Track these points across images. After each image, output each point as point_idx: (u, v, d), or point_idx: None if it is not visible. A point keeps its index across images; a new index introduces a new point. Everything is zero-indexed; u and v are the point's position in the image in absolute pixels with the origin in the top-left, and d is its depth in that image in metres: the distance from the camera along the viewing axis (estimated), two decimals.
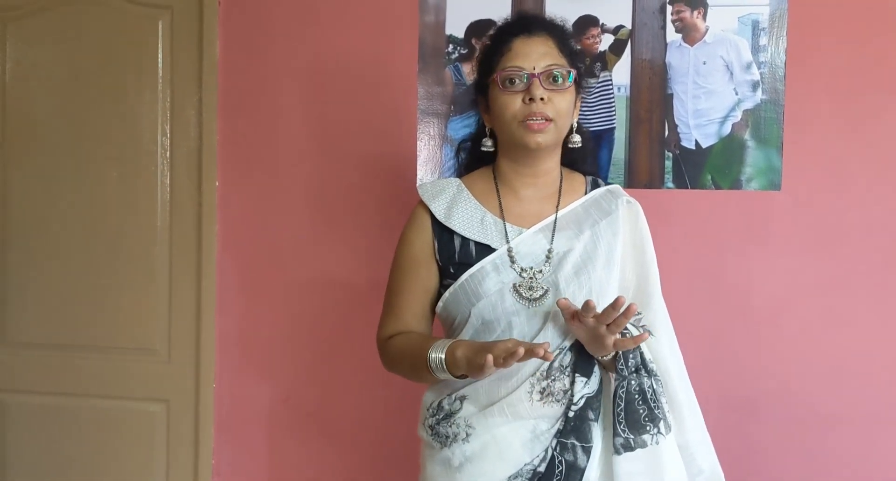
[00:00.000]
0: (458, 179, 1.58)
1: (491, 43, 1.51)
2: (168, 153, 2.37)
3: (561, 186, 1.54)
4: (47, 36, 2.43)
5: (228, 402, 2.34)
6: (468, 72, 2.17)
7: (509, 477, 1.39)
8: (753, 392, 2.12)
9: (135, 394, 2.43)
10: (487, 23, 2.14)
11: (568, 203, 1.52)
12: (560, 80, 1.44)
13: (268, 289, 2.31)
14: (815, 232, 2.09)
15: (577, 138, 1.52)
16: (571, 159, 1.57)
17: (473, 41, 2.16)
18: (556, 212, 1.50)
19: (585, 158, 1.60)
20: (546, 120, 1.42)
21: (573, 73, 1.46)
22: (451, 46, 2.19)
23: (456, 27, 2.18)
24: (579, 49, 1.99)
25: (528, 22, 1.50)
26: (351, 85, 2.24)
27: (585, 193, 1.55)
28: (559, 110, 1.44)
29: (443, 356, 1.37)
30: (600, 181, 1.60)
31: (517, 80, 1.43)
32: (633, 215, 1.55)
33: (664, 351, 1.50)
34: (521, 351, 1.24)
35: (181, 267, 2.37)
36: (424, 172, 2.21)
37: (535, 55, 1.43)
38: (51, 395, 2.48)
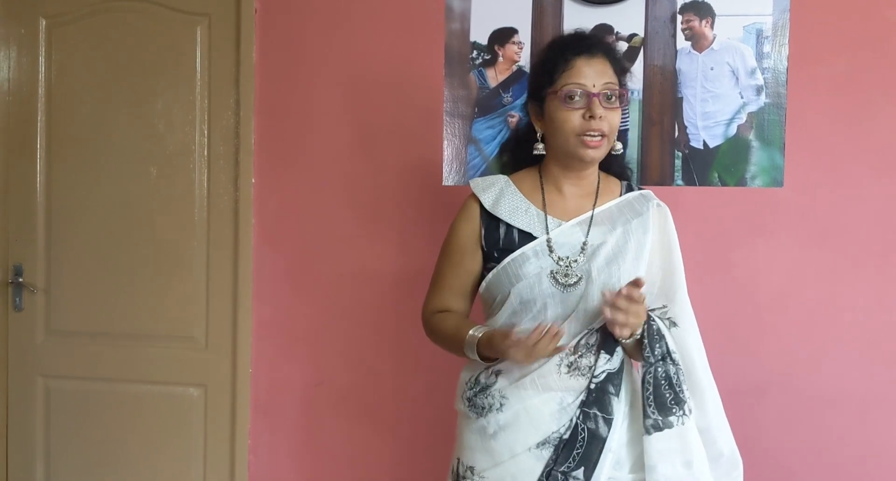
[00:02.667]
0: (505, 176, 1.72)
1: (550, 56, 1.63)
2: (206, 152, 2.49)
3: (598, 187, 1.68)
4: (91, 41, 2.55)
5: (264, 387, 2.47)
6: (491, 76, 2.30)
7: (538, 444, 1.55)
8: (760, 376, 2.24)
9: (174, 380, 2.55)
10: (510, 30, 2.28)
11: (604, 202, 1.67)
12: (614, 98, 1.58)
13: (302, 281, 2.44)
14: (815, 226, 2.21)
15: (619, 146, 1.66)
16: (607, 163, 1.71)
17: (496, 48, 2.30)
18: (594, 209, 1.65)
19: (618, 162, 1.75)
20: (602, 136, 1.57)
21: (625, 94, 1.61)
22: (475, 52, 2.32)
23: (480, 34, 2.31)
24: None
25: (589, 42, 1.62)
26: (380, 88, 2.37)
27: (620, 195, 1.70)
28: (612, 126, 1.58)
29: (478, 336, 1.56)
30: (634, 186, 1.75)
31: (577, 97, 1.56)
32: (662, 217, 1.69)
33: (689, 341, 1.64)
34: (543, 327, 1.43)
35: (218, 259, 2.50)
36: (449, 171, 2.35)
37: (595, 75, 1.57)
38: (93, 381, 2.60)
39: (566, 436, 1.54)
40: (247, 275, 2.46)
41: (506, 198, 1.66)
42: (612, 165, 1.73)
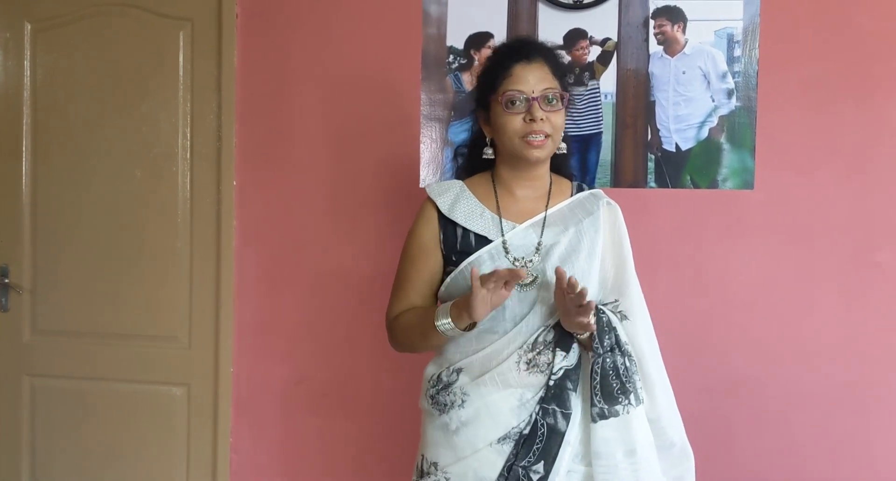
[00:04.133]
0: (460, 181, 1.76)
1: (492, 65, 1.69)
2: (189, 154, 2.53)
3: (550, 188, 1.73)
4: (75, 45, 2.59)
5: (246, 385, 2.52)
6: (467, 80, 2.34)
7: (499, 439, 1.59)
8: (731, 375, 2.28)
9: (158, 379, 2.59)
10: (486, 35, 2.32)
11: (556, 203, 1.71)
12: (555, 101, 1.63)
13: (283, 280, 2.48)
14: (785, 227, 2.25)
15: (563, 146, 1.71)
16: (555, 164, 1.76)
17: (472, 52, 2.34)
18: (546, 210, 1.69)
19: (565, 163, 1.80)
20: (545, 136, 1.62)
21: (565, 95, 1.65)
22: (451, 57, 2.36)
23: (456, 39, 2.35)
24: (569, 62, 2.18)
25: (527, 49, 1.67)
26: (359, 92, 2.41)
27: (571, 196, 1.74)
28: (555, 126, 1.63)
29: (448, 318, 1.56)
30: (584, 186, 1.79)
31: (518, 102, 1.62)
32: (612, 215, 1.74)
33: (640, 334, 1.68)
34: (503, 271, 1.47)
35: (201, 260, 2.54)
36: (427, 173, 2.39)
37: (533, 80, 1.62)
38: (78, 380, 2.64)
39: (526, 431, 1.59)
40: (228, 275, 2.50)
41: (461, 202, 1.70)
42: (560, 166, 1.78)
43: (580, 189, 1.77)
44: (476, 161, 1.76)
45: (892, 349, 2.23)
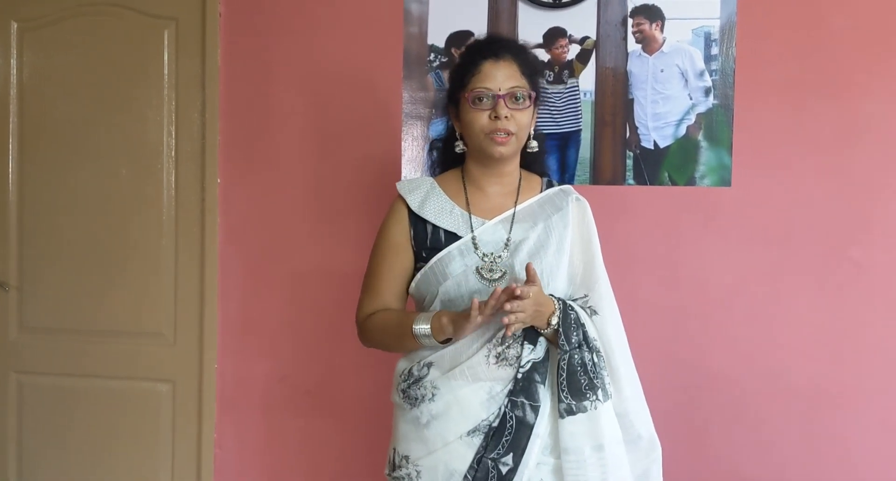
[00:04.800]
0: (431, 178, 1.78)
1: (462, 62, 1.71)
2: (173, 152, 2.55)
3: (520, 185, 1.75)
4: (61, 44, 2.61)
5: (230, 382, 2.54)
6: (448, 78, 2.37)
7: (468, 432, 1.60)
8: (707, 371, 2.30)
9: (142, 375, 2.61)
10: (466, 33, 2.34)
11: (525, 199, 1.73)
12: (521, 99, 1.65)
13: (266, 278, 2.51)
14: (761, 224, 2.27)
15: (534, 143, 1.73)
16: (528, 161, 1.78)
17: (453, 50, 2.36)
18: (515, 206, 1.72)
19: (539, 160, 1.82)
20: (508, 134, 1.64)
21: (533, 94, 1.67)
22: (432, 55, 2.38)
23: (437, 37, 2.37)
24: (548, 60, 2.20)
25: (496, 46, 1.69)
26: (342, 90, 2.43)
27: (541, 192, 1.76)
28: (520, 125, 1.65)
29: (428, 326, 1.58)
30: (554, 182, 1.81)
31: (484, 99, 1.64)
32: (581, 210, 1.75)
33: (608, 329, 1.70)
34: (499, 290, 1.48)
35: (186, 257, 2.56)
36: (409, 170, 2.41)
37: (500, 77, 1.64)
38: (64, 376, 2.66)
39: (495, 424, 1.60)
40: (212, 272, 2.52)
41: (431, 199, 1.72)
42: (533, 163, 1.79)
43: (550, 185, 1.79)
44: (449, 154, 1.79)
45: (867, 345, 2.25)
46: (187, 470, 2.58)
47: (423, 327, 1.59)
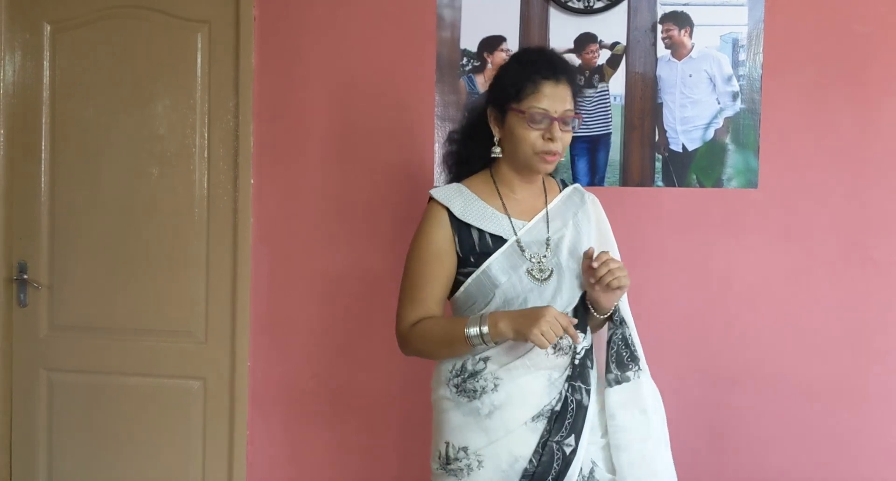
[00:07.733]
0: (458, 183, 1.81)
1: (519, 74, 1.71)
2: (206, 154, 2.59)
3: (544, 186, 1.84)
4: (94, 46, 2.63)
5: (262, 379, 2.57)
6: (481, 82, 2.41)
7: (533, 417, 1.68)
8: (733, 366, 2.36)
9: (174, 373, 2.64)
10: (499, 38, 2.39)
11: (551, 199, 1.83)
12: (571, 122, 1.72)
13: (298, 277, 2.54)
14: (786, 225, 2.33)
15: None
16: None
17: (485, 55, 2.41)
18: (546, 206, 1.80)
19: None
20: (556, 154, 1.71)
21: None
22: (465, 59, 2.43)
23: (469, 42, 2.42)
24: (579, 64, 2.27)
25: (557, 68, 1.71)
26: (374, 93, 2.47)
27: (560, 191, 1.85)
28: (565, 144, 1.73)
29: (486, 329, 1.62)
30: (566, 181, 1.92)
31: (542, 121, 1.68)
32: (595, 206, 1.88)
33: (625, 307, 1.83)
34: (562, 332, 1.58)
35: (218, 257, 2.59)
36: (440, 173, 2.44)
37: (559, 101, 1.69)
38: (95, 374, 2.69)
39: (557, 408, 1.69)
40: (245, 272, 2.55)
41: (470, 205, 1.76)
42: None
43: (564, 184, 1.89)
44: (472, 150, 1.84)
45: (890, 345, 2.31)
46: (218, 466, 2.62)
47: (478, 329, 1.62)
